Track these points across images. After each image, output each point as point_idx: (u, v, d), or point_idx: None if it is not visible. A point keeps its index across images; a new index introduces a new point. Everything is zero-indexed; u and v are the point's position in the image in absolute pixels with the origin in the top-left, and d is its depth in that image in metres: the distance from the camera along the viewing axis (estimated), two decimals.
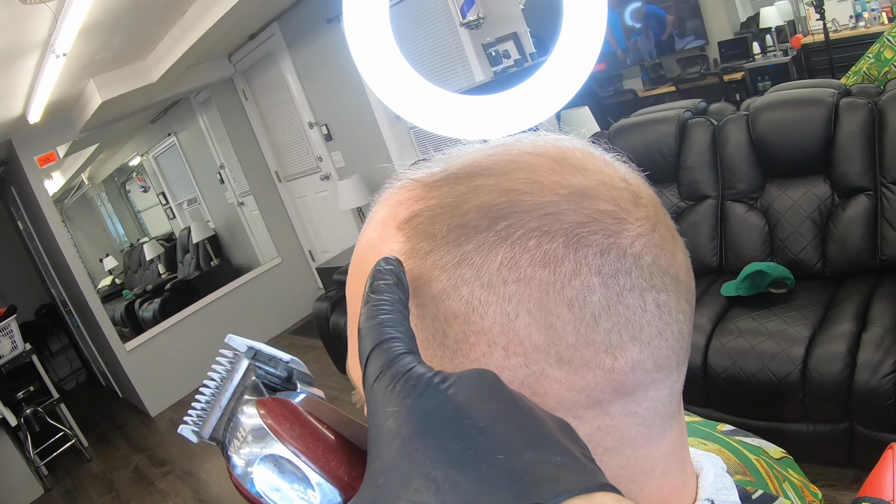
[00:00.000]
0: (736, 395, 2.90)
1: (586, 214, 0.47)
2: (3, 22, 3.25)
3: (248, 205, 8.06)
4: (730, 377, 2.89)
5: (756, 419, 2.91)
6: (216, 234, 8.93)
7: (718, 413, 3.01)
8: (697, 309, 3.21)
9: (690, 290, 0.52)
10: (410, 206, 0.52)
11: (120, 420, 7.34)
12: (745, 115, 3.50)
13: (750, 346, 2.86)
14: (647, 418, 0.50)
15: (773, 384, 2.76)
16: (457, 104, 1.85)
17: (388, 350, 0.40)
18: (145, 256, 9.95)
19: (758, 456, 0.73)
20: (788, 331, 2.84)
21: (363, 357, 0.41)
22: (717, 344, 2.98)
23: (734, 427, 0.81)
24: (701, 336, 3.05)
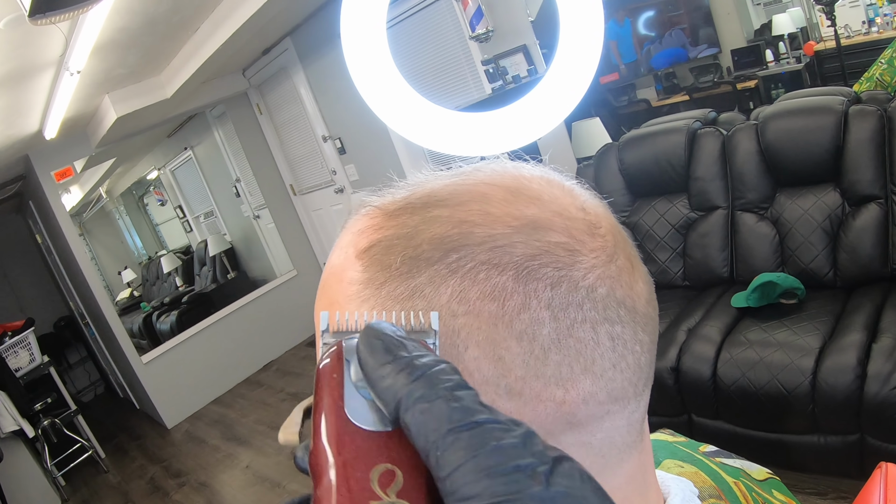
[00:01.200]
0: (745, 406, 2.88)
1: (537, 247, 0.47)
2: (17, 40, 3.28)
3: (263, 218, 8.08)
4: (739, 389, 2.88)
5: (766, 431, 2.89)
6: (232, 247, 8.97)
7: (728, 425, 2.99)
8: (707, 320, 3.21)
9: (650, 321, 0.52)
10: (370, 234, 0.52)
11: (137, 431, 7.37)
12: (754, 125, 3.49)
13: (759, 357, 2.85)
14: (601, 449, 0.50)
15: (782, 396, 2.74)
16: (455, 121, 1.86)
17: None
18: (163, 269, 10.01)
19: (737, 479, 0.72)
20: (798, 342, 2.83)
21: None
22: (726, 355, 2.96)
23: (717, 448, 0.81)
24: (711, 347, 3.04)
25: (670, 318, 3.43)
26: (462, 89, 5.16)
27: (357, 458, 0.36)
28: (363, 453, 0.36)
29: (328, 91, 6.36)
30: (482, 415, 0.34)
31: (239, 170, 8.02)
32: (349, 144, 6.53)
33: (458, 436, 0.33)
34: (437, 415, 0.34)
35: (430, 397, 0.34)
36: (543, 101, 1.79)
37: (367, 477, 0.35)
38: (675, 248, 3.80)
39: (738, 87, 7.06)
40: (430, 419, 0.34)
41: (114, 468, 6.55)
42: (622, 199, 4.04)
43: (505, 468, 0.31)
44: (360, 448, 0.36)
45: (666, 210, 3.83)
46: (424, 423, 0.34)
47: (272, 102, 7.33)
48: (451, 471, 0.32)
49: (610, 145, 4.20)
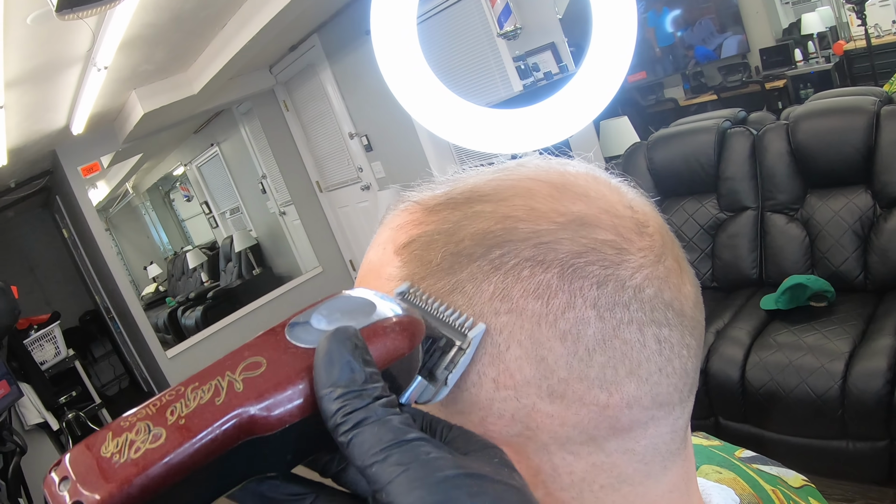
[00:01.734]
0: (774, 410, 2.84)
1: (584, 244, 0.45)
2: (45, 36, 3.30)
3: (289, 214, 8.09)
4: (768, 392, 2.84)
5: (794, 436, 2.85)
6: (258, 244, 9.00)
7: (756, 429, 2.96)
8: (736, 322, 3.18)
9: (697, 325, 0.50)
10: (409, 230, 0.51)
11: None
12: (784, 125, 3.44)
13: (789, 360, 2.81)
14: (645, 456, 0.48)
15: (811, 400, 2.70)
16: (486, 118, 1.85)
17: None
18: (188, 264, 10.06)
19: (774, 486, 0.70)
20: (828, 345, 2.79)
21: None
22: (755, 358, 2.93)
23: (754, 454, 0.79)
24: (739, 350, 3.00)
25: None
26: (490, 87, 5.14)
27: (253, 345, 0.41)
28: (257, 344, 0.41)
29: (355, 88, 6.36)
30: (411, 434, 0.36)
31: (265, 166, 8.04)
32: (376, 141, 6.52)
33: (390, 452, 0.34)
34: (372, 436, 0.35)
35: (366, 422, 0.36)
36: (575, 99, 1.77)
37: (241, 357, 0.40)
38: (703, 248, 3.76)
39: (766, 87, 7.00)
40: (365, 440, 0.35)
41: None
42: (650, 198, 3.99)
43: (432, 479, 0.33)
44: (257, 342, 0.41)
45: (695, 210, 3.79)
46: (360, 444, 0.35)
47: (299, 99, 7.34)
48: (385, 483, 0.34)
49: (639, 144, 4.16)
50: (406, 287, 0.48)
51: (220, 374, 0.38)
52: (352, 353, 0.38)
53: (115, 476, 0.34)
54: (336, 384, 0.37)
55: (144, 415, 0.37)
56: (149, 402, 0.38)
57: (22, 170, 6.45)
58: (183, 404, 0.37)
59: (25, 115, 4.61)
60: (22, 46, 3.31)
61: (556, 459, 0.47)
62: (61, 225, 8.46)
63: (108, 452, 0.35)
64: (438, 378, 0.45)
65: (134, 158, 8.50)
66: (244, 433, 0.36)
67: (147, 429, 0.36)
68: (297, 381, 0.38)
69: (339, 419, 0.36)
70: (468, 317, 0.45)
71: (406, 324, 0.42)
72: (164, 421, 0.36)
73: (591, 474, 0.47)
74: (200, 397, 0.37)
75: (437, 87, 1.81)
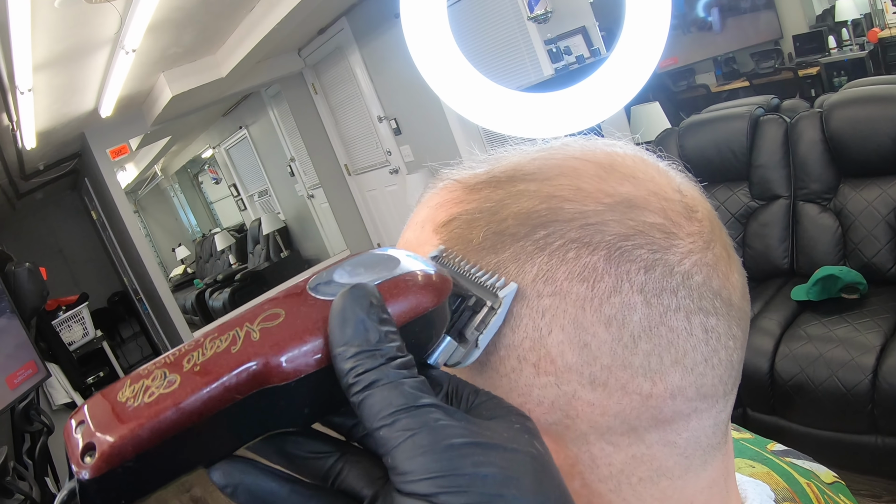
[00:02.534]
0: (803, 403, 2.81)
1: (632, 227, 0.44)
2: (73, 20, 3.30)
3: (317, 197, 8.11)
4: (797, 385, 2.80)
5: (823, 429, 2.81)
6: (286, 226, 9.04)
7: (784, 421, 2.92)
8: (766, 313, 3.14)
9: (744, 316, 0.48)
10: (449, 208, 0.50)
11: None
12: (818, 113, 3.39)
13: (819, 353, 2.77)
14: (686, 449, 0.47)
15: (841, 394, 2.66)
16: (517, 102, 1.83)
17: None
18: (216, 247, 10.13)
19: (809, 480, 0.69)
20: (859, 338, 2.74)
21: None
22: (785, 350, 2.89)
23: (785, 448, 0.77)
24: (769, 341, 2.96)
25: None
26: (520, 71, 5.10)
27: (275, 299, 0.40)
28: (279, 297, 0.40)
29: (384, 71, 6.34)
30: (423, 400, 0.34)
31: (293, 149, 8.05)
32: (405, 125, 6.51)
33: (398, 417, 0.34)
34: (382, 399, 0.34)
35: (377, 383, 0.35)
36: (607, 84, 1.74)
37: (261, 309, 0.39)
38: (734, 237, 3.68)
39: (799, 74, 6.90)
40: (375, 402, 0.34)
41: None
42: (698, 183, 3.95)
43: (438, 447, 0.33)
44: (279, 296, 0.41)
45: (726, 198, 3.74)
46: (371, 406, 0.34)
47: (327, 82, 7.33)
48: (391, 448, 0.33)
49: (670, 130, 4.12)
50: (440, 251, 0.47)
51: (238, 324, 0.38)
52: (366, 311, 0.37)
53: (128, 418, 0.35)
54: (349, 343, 0.36)
55: (163, 363, 0.37)
56: (169, 353, 0.38)
57: (51, 152, 6.50)
58: (200, 353, 0.37)
59: (54, 98, 4.63)
60: (50, 30, 3.32)
61: (594, 450, 0.46)
62: (90, 207, 8.53)
63: (123, 397, 0.36)
64: (469, 339, 0.44)
65: (162, 141, 8.55)
66: (258, 382, 0.36)
67: (163, 375, 0.36)
68: (315, 332, 0.38)
69: (350, 379, 0.35)
70: (500, 276, 0.44)
71: (430, 279, 0.41)
72: (179, 368, 0.36)
73: (630, 466, 0.46)
74: (217, 346, 0.37)
75: (468, 71, 1.79)
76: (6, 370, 3.72)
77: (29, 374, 3.90)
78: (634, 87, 1.75)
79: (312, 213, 8.28)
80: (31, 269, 4.52)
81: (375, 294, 0.38)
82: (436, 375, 0.41)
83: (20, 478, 3.43)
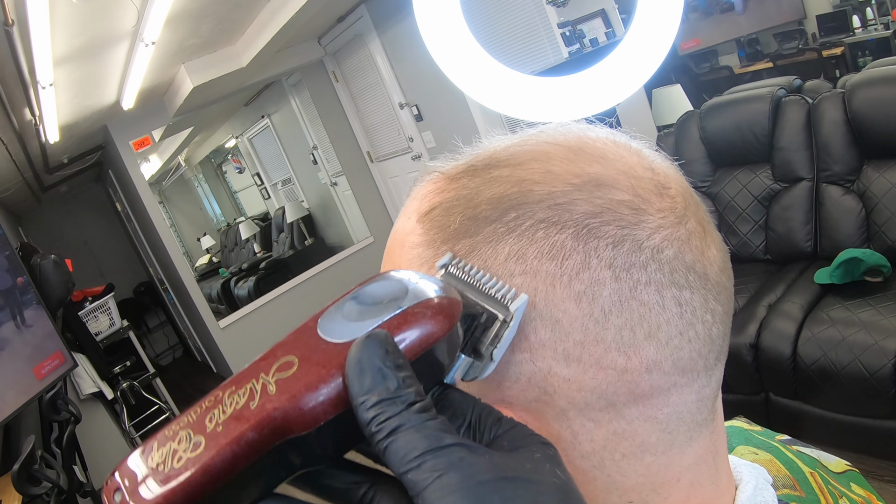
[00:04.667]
0: (826, 388, 2.79)
1: (599, 205, 0.45)
2: (91, 13, 3.31)
3: (340, 185, 8.11)
4: (820, 369, 2.78)
5: (845, 414, 2.79)
6: (310, 214, 9.05)
7: (807, 406, 2.90)
8: (789, 296, 3.12)
9: (723, 290, 0.49)
10: (432, 198, 0.51)
11: None
12: (841, 93, 3.35)
13: (842, 336, 2.75)
14: (668, 424, 0.47)
15: (864, 378, 2.64)
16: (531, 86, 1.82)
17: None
18: (241, 236, 10.17)
19: (813, 469, 0.68)
20: (882, 322, 2.71)
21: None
22: (807, 334, 2.87)
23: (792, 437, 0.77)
24: (792, 325, 2.94)
25: (750, 293, 3.34)
26: (539, 53, 5.06)
27: (286, 343, 0.40)
28: (290, 342, 0.40)
29: (404, 58, 6.33)
30: (446, 440, 0.35)
31: (316, 137, 8.05)
32: (426, 111, 6.49)
33: (424, 459, 0.34)
34: (407, 443, 0.34)
35: (401, 429, 0.35)
36: (622, 66, 1.73)
37: (274, 357, 0.39)
38: (757, 220, 3.69)
39: (823, 55, 6.82)
40: (401, 447, 0.34)
41: None
42: (703, 168, 3.93)
43: (467, 485, 0.33)
44: (290, 339, 0.40)
45: (748, 181, 3.71)
46: (396, 451, 0.34)
47: (348, 70, 7.32)
48: (421, 490, 0.33)
49: (691, 113, 4.09)
50: (448, 259, 0.47)
51: (254, 376, 0.38)
52: (382, 360, 0.37)
53: (159, 486, 0.36)
54: (369, 392, 0.36)
55: (186, 423, 0.38)
56: (191, 409, 0.39)
57: (74, 145, 6.55)
58: (220, 410, 0.37)
59: (76, 92, 4.65)
60: (69, 24, 3.33)
61: (575, 426, 0.46)
62: (114, 198, 8.60)
63: (154, 463, 0.37)
64: (484, 354, 0.44)
65: (185, 132, 8.58)
66: (280, 434, 0.37)
67: (188, 437, 0.37)
68: (329, 380, 0.38)
69: (374, 427, 0.35)
70: (510, 287, 0.44)
71: (440, 306, 0.41)
72: (203, 428, 0.37)
73: (611, 442, 0.47)
74: (236, 402, 0.37)
75: (481, 56, 1.78)
76: (34, 361, 3.77)
77: (56, 364, 3.95)
78: (650, 68, 1.73)
79: (336, 200, 8.29)
80: (57, 261, 4.57)
81: (390, 341, 0.38)
82: (459, 402, 0.41)
83: (48, 466, 3.47)
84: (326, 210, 8.71)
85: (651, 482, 0.48)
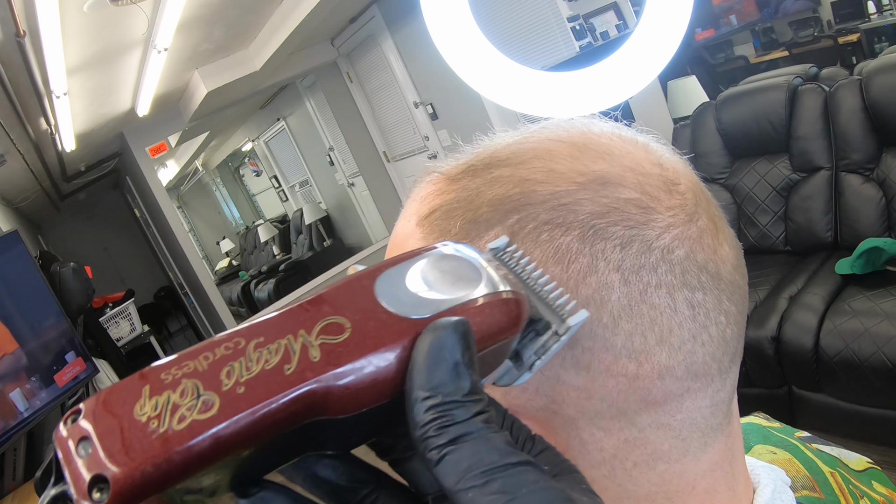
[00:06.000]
0: (849, 380, 2.74)
1: (605, 204, 0.43)
2: (102, 22, 3.32)
3: (357, 185, 8.12)
4: (842, 361, 2.74)
5: (870, 406, 2.76)
6: (328, 215, 9.08)
7: (831, 399, 2.86)
8: (810, 288, 3.08)
9: (737, 290, 0.47)
10: (431, 200, 0.49)
11: None
12: (857, 80, 3.31)
13: (864, 327, 2.71)
14: (682, 431, 0.46)
15: (888, 369, 2.60)
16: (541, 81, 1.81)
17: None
18: (260, 238, 10.22)
19: (834, 468, 0.67)
20: None
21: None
22: (829, 325, 2.83)
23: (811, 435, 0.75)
24: (813, 317, 2.90)
25: (771, 285, 3.30)
26: (552, 48, 5.04)
27: (336, 298, 0.34)
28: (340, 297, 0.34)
29: (417, 57, 6.32)
30: (515, 457, 0.30)
31: (332, 138, 8.07)
32: (441, 110, 6.48)
33: (492, 477, 0.29)
34: (472, 455, 0.30)
35: (465, 438, 0.30)
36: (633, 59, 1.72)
37: (320, 313, 0.33)
38: (776, 211, 3.65)
39: (839, 42, 6.76)
40: (462, 459, 0.30)
41: None
42: (720, 160, 3.90)
43: None
44: (340, 294, 0.34)
45: (766, 171, 3.68)
46: (456, 463, 0.30)
47: (362, 70, 7.32)
48: None
49: (707, 104, 4.06)
50: (503, 244, 0.41)
51: (292, 331, 0.32)
52: (462, 357, 0.32)
53: (151, 449, 0.28)
54: (437, 389, 0.31)
55: (193, 370, 0.30)
56: (199, 350, 0.31)
57: (91, 153, 6.61)
58: (243, 365, 0.30)
59: (90, 101, 4.68)
60: (81, 34, 3.35)
61: (584, 435, 0.45)
62: (132, 205, 8.65)
63: (143, 415, 0.29)
64: (525, 362, 0.39)
65: (201, 136, 8.63)
66: (312, 413, 0.31)
67: (195, 391, 0.29)
68: (386, 361, 0.32)
69: (431, 431, 0.31)
70: (570, 297, 0.40)
71: (515, 303, 0.36)
72: (217, 384, 0.30)
73: (622, 451, 0.45)
74: (266, 360, 0.31)
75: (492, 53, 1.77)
76: (55, 367, 3.79)
77: (77, 371, 3.96)
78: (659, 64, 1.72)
79: (353, 201, 8.30)
80: (76, 268, 4.59)
81: (471, 335, 0.33)
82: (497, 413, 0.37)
83: None
84: (344, 211, 8.73)
85: (665, 490, 0.47)
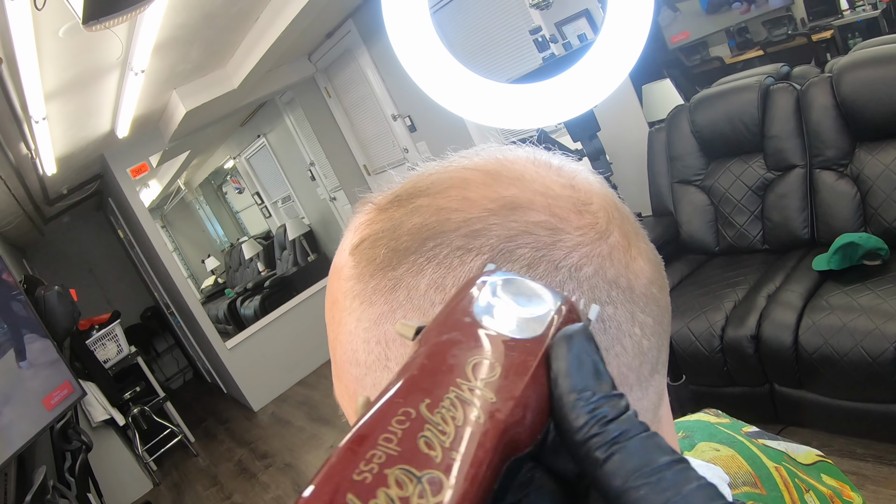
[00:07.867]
0: (829, 375, 2.77)
1: (514, 227, 0.45)
2: (78, 46, 3.33)
3: (339, 199, 8.14)
4: (822, 357, 2.76)
5: (850, 400, 2.78)
6: (311, 230, 9.10)
7: (812, 394, 2.88)
8: (789, 285, 3.11)
9: (651, 301, 0.48)
10: (363, 230, 0.51)
11: (224, 415, 7.59)
12: (828, 78, 3.33)
13: (843, 323, 2.73)
14: None
15: (867, 363, 2.62)
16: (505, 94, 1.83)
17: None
18: (244, 255, 10.22)
19: (779, 462, 0.68)
20: (882, 306, 2.69)
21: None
22: (808, 322, 2.85)
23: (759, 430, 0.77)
24: (792, 314, 2.92)
25: (750, 284, 3.33)
26: (527, 58, 5.07)
27: (451, 342, 0.33)
28: (454, 341, 0.33)
29: (394, 70, 6.33)
30: (677, 455, 0.31)
31: (312, 153, 8.09)
32: (419, 122, 6.51)
33: (662, 474, 0.29)
34: (642, 453, 0.30)
35: (627, 435, 0.31)
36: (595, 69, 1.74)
37: (459, 360, 0.32)
38: (752, 210, 3.69)
39: (813, 39, 6.81)
40: (632, 457, 0.30)
41: (203, 452, 6.76)
42: (696, 161, 3.93)
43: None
44: (468, 339, 0.33)
45: (741, 171, 3.71)
46: (625, 461, 0.30)
47: (339, 85, 7.34)
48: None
49: (681, 107, 4.09)
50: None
51: (448, 382, 0.31)
52: (598, 356, 0.33)
53: None
54: (588, 388, 0.32)
55: (386, 458, 0.28)
56: (370, 436, 0.29)
57: (72, 176, 6.60)
58: (436, 432, 0.29)
59: (69, 124, 4.68)
60: (57, 58, 3.35)
61: None
62: (116, 226, 8.64)
63: None
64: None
65: (182, 156, 8.62)
66: (510, 452, 0.30)
67: (412, 478, 0.27)
68: (541, 382, 0.32)
69: (596, 429, 0.31)
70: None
71: (573, 306, 0.37)
72: (427, 461, 0.28)
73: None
74: (453, 417, 0.29)
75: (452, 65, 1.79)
76: (42, 392, 3.79)
77: (65, 394, 3.96)
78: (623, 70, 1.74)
79: (336, 215, 8.32)
80: (61, 291, 4.59)
81: (593, 337, 0.34)
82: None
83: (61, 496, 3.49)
84: (327, 225, 8.75)
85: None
